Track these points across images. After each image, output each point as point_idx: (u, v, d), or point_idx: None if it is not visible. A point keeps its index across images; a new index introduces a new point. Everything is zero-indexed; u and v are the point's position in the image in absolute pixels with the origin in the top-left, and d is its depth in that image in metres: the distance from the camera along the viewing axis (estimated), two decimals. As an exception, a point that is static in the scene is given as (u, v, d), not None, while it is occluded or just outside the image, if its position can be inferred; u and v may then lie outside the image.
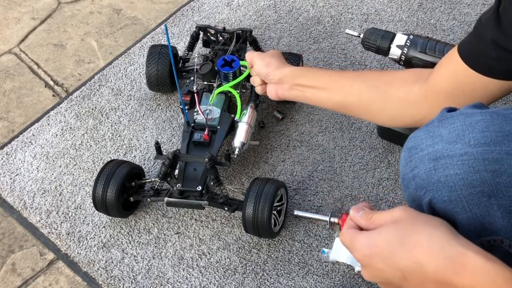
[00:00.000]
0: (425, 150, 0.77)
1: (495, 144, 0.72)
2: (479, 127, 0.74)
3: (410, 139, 0.81)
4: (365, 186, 1.29)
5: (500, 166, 0.72)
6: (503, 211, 0.74)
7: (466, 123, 0.75)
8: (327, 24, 1.63)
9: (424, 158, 0.77)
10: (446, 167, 0.74)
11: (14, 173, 1.37)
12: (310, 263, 1.19)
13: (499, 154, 0.72)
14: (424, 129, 0.80)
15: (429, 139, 0.77)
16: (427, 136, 0.78)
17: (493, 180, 0.72)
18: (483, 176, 0.72)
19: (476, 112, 0.76)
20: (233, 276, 1.18)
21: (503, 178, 0.72)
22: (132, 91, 1.52)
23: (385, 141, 1.36)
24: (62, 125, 1.46)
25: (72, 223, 1.28)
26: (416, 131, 0.81)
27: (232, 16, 1.68)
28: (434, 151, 0.76)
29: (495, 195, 0.73)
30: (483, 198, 0.73)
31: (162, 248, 1.23)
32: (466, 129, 0.74)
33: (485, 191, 0.73)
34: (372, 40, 1.16)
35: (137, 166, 1.27)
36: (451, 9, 1.63)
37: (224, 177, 1.32)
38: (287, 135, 1.40)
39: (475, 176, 0.73)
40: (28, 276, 1.22)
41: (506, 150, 0.71)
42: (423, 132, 0.79)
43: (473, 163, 0.73)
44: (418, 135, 0.80)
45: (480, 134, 0.73)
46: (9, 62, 1.64)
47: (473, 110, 0.78)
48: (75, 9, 1.77)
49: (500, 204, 0.73)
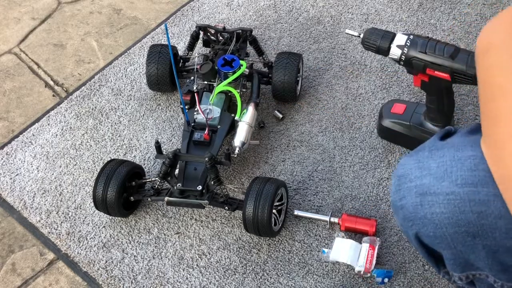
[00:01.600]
0: (413, 182, 0.77)
1: (483, 185, 0.71)
2: (468, 165, 0.72)
3: (400, 167, 0.80)
4: (365, 186, 1.29)
5: (486, 208, 0.71)
6: (488, 251, 0.74)
7: (455, 158, 0.73)
8: (327, 24, 1.63)
9: (411, 190, 0.77)
10: (432, 205, 0.74)
11: (14, 173, 1.37)
12: (310, 263, 1.19)
13: (486, 196, 0.70)
14: (414, 158, 0.79)
15: (418, 170, 0.77)
16: (416, 167, 0.77)
17: (479, 221, 0.71)
18: (468, 217, 0.72)
19: (468, 145, 0.74)
20: (233, 276, 1.18)
21: (489, 220, 0.71)
22: (132, 91, 1.52)
23: (385, 141, 1.36)
24: (62, 125, 1.46)
25: (72, 223, 1.28)
26: (406, 158, 0.81)
27: (232, 16, 1.68)
28: (422, 185, 0.75)
29: (480, 235, 0.72)
30: (468, 238, 0.73)
31: (162, 248, 1.23)
32: (454, 165, 0.73)
33: (470, 231, 0.73)
34: (372, 40, 1.16)
35: (138, 165, 1.27)
36: (451, 9, 1.63)
37: (224, 176, 1.32)
38: (287, 135, 1.40)
39: (460, 216, 0.72)
40: (28, 276, 1.21)
41: (494, 192, 0.69)
42: (413, 161, 0.79)
43: (459, 204, 0.72)
44: (408, 163, 0.79)
45: (468, 173, 0.72)
46: (9, 62, 1.63)
47: (465, 140, 0.75)
48: (75, 9, 1.77)
49: (485, 244, 0.73)
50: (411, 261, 1.17)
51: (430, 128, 1.26)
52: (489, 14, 1.60)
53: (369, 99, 1.45)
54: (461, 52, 1.10)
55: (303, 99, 1.46)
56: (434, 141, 0.79)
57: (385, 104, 1.34)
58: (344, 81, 1.49)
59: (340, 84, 1.49)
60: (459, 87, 1.44)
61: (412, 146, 1.32)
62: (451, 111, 1.25)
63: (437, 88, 1.18)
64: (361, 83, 1.48)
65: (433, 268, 0.90)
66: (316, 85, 1.49)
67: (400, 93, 1.45)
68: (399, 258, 1.18)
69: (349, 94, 1.46)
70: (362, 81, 1.49)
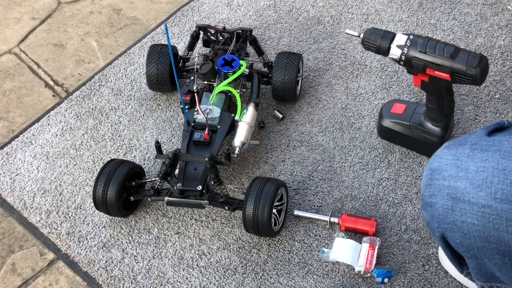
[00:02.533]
0: (447, 181, 0.70)
1: None
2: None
3: (435, 159, 0.73)
4: (365, 186, 1.29)
5: None
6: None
7: (499, 167, 0.66)
8: (327, 24, 1.63)
9: (443, 189, 0.70)
10: (464, 213, 0.68)
11: (14, 173, 1.37)
12: (310, 263, 1.19)
13: None
14: (453, 153, 0.71)
15: (454, 168, 0.70)
16: (453, 165, 0.70)
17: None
18: (501, 236, 0.66)
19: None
20: (233, 276, 1.18)
21: None
22: (132, 91, 1.52)
23: (385, 141, 1.36)
24: (62, 125, 1.46)
25: (72, 223, 1.28)
26: (444, 150, 0.73)
27: (232, 16, 1.68)
28: (456, 188, 0.69)
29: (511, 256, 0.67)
30: (497, 255, 0.68)
31: (162, 248, 1.23)
32: (496, 175, 0.65)
33: (501, 250, 0.67)
34: (372, 40, 1.16)
35: (138, 165, 1.27)
36: (451, 9, 1.63)
37: (224, 176, 1.32)
38: (287, 135, 1.40)
39: (493, 233, 0.66)
40: (28, 276, 1.21)
41: None
42: (450, 155, 0.71)
43: (494, 220, 0.66)
44: (445, 157, 0.72)
45: (511, 187, 0.64)
46: (9, 62, 1.63)
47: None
48: (75, 9, 1.77)
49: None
50: (411, 261, 1.17)
51: (430, 128, 1.26)
52: (489, 14, 1.60)
53: (369, 99, 1.45)
54: (461, 52, 1.10)
55: (303, 99, 1.46)
56: (480, 137, 0.71)
57: (385, 104, 1.34)
58: (344, 81, 1.49)
59: (340, 84, 1.49)
60: (459, 87, 1.44)
61: (412, 146, 1.32)
62: (451, 111, 1.25)
63: (437, 88, 1.18)
64: (361, 83, 1.48)
65: (455, 267, 0.85)
66: (316, 85, 1.49)
67: (400, 93, 1.45)
68: (399, 258, 1.18)
69: (349, 94, 1.46)
70: (362, 81, 1.49)
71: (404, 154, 1.34)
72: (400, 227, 1.22)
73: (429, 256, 1.17)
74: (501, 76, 1.46)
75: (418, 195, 1.27)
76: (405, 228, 1.22)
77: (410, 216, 1.23)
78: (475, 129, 1.36)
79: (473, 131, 0.76)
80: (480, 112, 1.39)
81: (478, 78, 1.08)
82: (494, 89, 1.44)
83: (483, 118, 1.38)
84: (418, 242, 1.19)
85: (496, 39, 1.54)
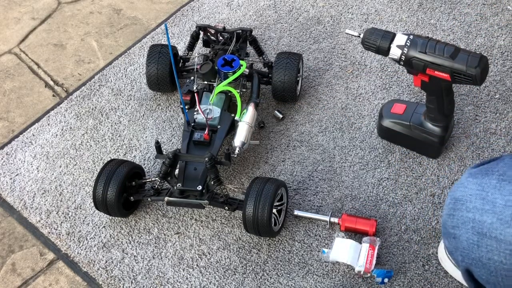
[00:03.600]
0: (471, 213, 0.66)
1: None
2: None
3: (459, 187, 0.69)
4: (365, 186, 1.29)
5: None
6: None
7: None
8: (327, 24, 1.63)
9: (468, 223, 0.67)
10: (491, 250, 0.64)
11: (14, 173, 1.37)
12: (310, 263, 1.19)
13: None
14: (478, 182, 0.67)
15: (480, 200, 0.66)
16: (478, 196, 0.66)
17: None
18: None
19: None
20: (233, 276, 1.18)
21: None
22: (132, 91, 1.52)
23: (385, 141, 1.36)
24: (62, 125, 1.46)
25: (72, 223, 1.28)
26: (468, 178, 0.67)
27: (232, 16, 1.68)
28: (481, 222, 0.65)
29: None
30: None
31: (162, 248, 1.23)
32: None
33: None
34: (372, 40, 1.16)
35: (138, 165, 1.27)
36: (451, 9, 1.63)
37: (224, 176, 1.32)
38: (287, 135, 1.40)
39: None
40: (28, 276, 1.21)
41: None
42: (475, 185, 0.67)
43: None
44: (469, 186, 0.68)
45: None
46: (9, 62, 1.63)
47: None
48: (75, 9, 1.77)
49: None
50: (411, 261, 1.17)
51: (430, 128, 1.26)
52: (489, 14, 1.60)
53: (369, 99, 1.45)
54: (461, 52, 1.10)
55: (303, 99, 1.46)
56: (508, 167, 0.67)
57: (385, 104, 1.34)
58: (344, 81, 1.49)
59: (340, 84, 1.49)
60: (459, 87, 1.44)
61: (412, 146, 1.32)
62: (451, 111, 1.25)
63: (437, 88, 1.18)
64: (361, 83, 1.48)
65: None
66: (316, 85, 1.49)
67: (400, 93, 1.45)
68: (399, 258, 1.18)
69: (349, 94, 1.46)
70: (362, 81, 1.49)
71: (404, 154, 1.34)
72: (400, 227, 1.22)
73: (429, 256, 1.17)
74: (501, 76, 1.46)
75: (418, 195, 1.27)
76: (405, 228, 1.22)
77: (410, 216, 1.23)
78: (475, 129, 1.36)
79: (500, 157, 0.69)
80: (480, 112, 1.39)
81: (478, 78, 1.08)
82: (494, 89, 1.44)
83: (483, 118, 1.38)
84: (418, 242, 1.19)
85: (496, 39, 1.54)
